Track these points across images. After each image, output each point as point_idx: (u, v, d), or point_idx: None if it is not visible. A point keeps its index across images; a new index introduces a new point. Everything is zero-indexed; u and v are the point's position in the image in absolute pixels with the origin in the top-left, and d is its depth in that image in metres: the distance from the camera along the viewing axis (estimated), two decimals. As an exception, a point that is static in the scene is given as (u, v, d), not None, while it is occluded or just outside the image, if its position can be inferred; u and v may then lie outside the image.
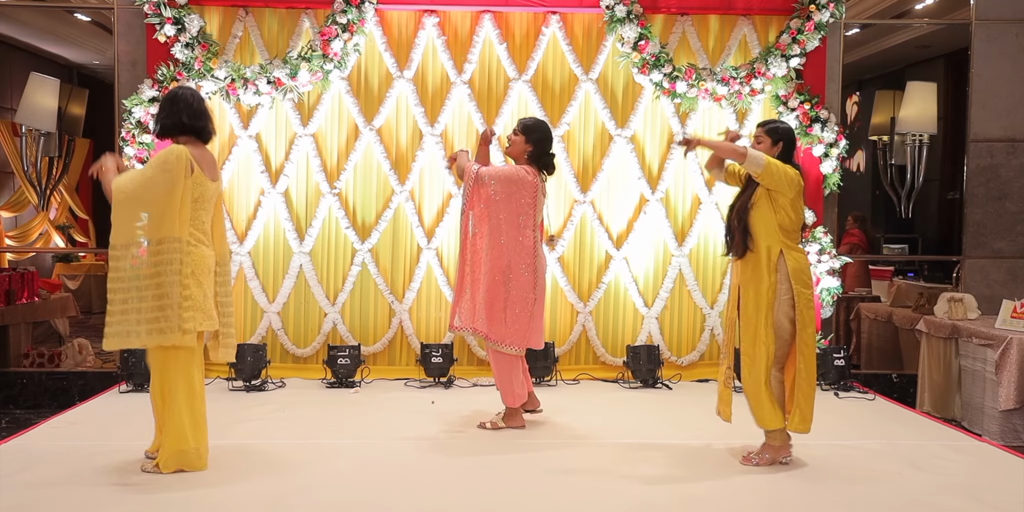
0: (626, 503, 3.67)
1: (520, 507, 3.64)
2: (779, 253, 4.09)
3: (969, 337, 5.65)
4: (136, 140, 5.82)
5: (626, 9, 5.96)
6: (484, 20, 6.16)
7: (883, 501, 3.72)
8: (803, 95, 6.11)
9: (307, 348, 6.23)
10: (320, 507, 3.59)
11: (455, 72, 6.18)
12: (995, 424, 5.32)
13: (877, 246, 7.05)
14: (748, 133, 6.19)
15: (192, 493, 3.71)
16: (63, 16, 6.52)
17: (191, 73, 5.83)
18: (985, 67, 6.45)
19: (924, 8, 6.70)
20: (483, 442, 4.58)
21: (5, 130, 6.65)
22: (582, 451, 4.43)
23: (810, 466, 4.18)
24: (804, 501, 3.73)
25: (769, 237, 4.10)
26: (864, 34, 6.61)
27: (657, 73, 6.03)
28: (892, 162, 6.69)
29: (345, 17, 5.87)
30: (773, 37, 6.20)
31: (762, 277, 4.10)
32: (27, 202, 6.84)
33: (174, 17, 5.79)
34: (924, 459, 4.34)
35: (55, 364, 6.33)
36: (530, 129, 4.77)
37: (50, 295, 6.84)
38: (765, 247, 4.09)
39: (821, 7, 6.02)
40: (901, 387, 6.40)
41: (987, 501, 3.73)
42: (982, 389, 5.51)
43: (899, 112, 6.63)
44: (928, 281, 6.80)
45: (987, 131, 6.48)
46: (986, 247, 6.51)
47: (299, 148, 6.14)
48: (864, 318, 6.88)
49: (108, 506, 3.56)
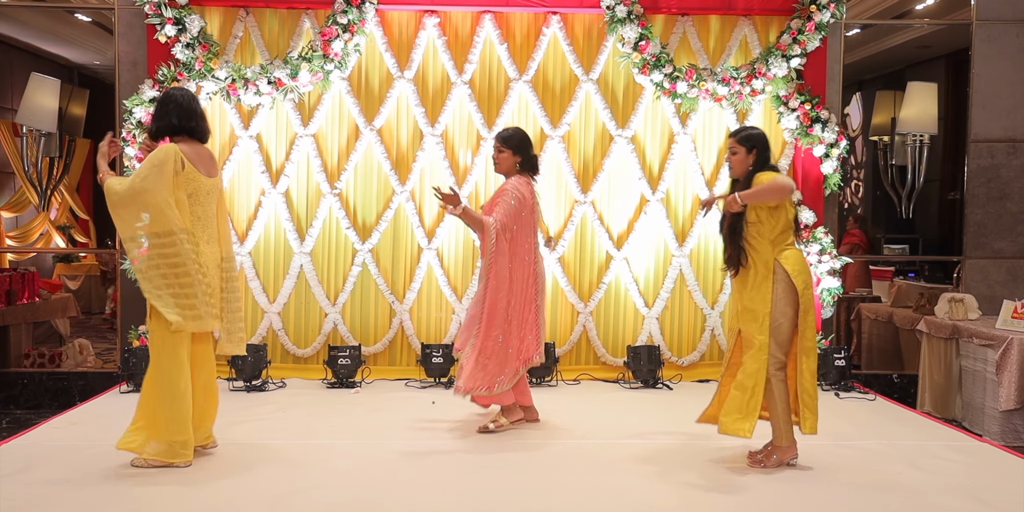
0: (627, 503, 3.67)
1: (521, 507, 3.64)
2: (775, 260, 4.10)
3: (970, 337, 5.65)
4: (137, 140, 5.82)
5: (627, 9, 5.97)
6: (485, 20, 6.16)
7: (884, 501, 3.73)
8: (804, 95, 6.11)
9: (308, 348, 6.23)
10: (320, 507, 3.60)
11: (456, 72, 6.18)
12: (996, 424, 5.32)
13: (878, 246, 7.05)
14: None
15: (192, 492, 3.72)
16: (64, 16, 6.53)
17: (192, 73, 5.83)
18: (986, 67, 6.45)
19: (925, 8, 6.71)
20: (483, 442, 4.59)
21: (6, 130, 6.65)
22: (583, 451, 4.43)
23: (811, 466, 4.18)
24: (805, 501, 3.73)
25: (765, 250, 4.09)
26: (865, 34, 6.61)
27: (658, 73, 6.03)
28: (893, 162, 6.70)
29: (346, 17, 5.87)
30: (774, 37, 6.20)
31: (759, 284, 4.10)
32: (28, 202, 6.84)
33: (175, 17, 5.79)
34: (925, 459, 4.35)
35: (56, 364, 6.34)
36: (510, 140, 4.76)
37: (51, 295, 6.85)
38: (763, 261, 4.09)
39: (822, 7, 6.02)
40: (902, 387, 6.40)
41: (988, 501, 3.74)
42: (983, 389, 5.51)
43: (900, 112, 6.63)
44: (929, 281, 6.80)
45: (988, 131, 6.48)
46: (987, 247, 6.51)
47: (300, 148, 6.14)
48: (865, 318, 6.88)
49: (108, 506, 3.56)
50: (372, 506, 3.62)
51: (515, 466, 4.17)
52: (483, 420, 4.87)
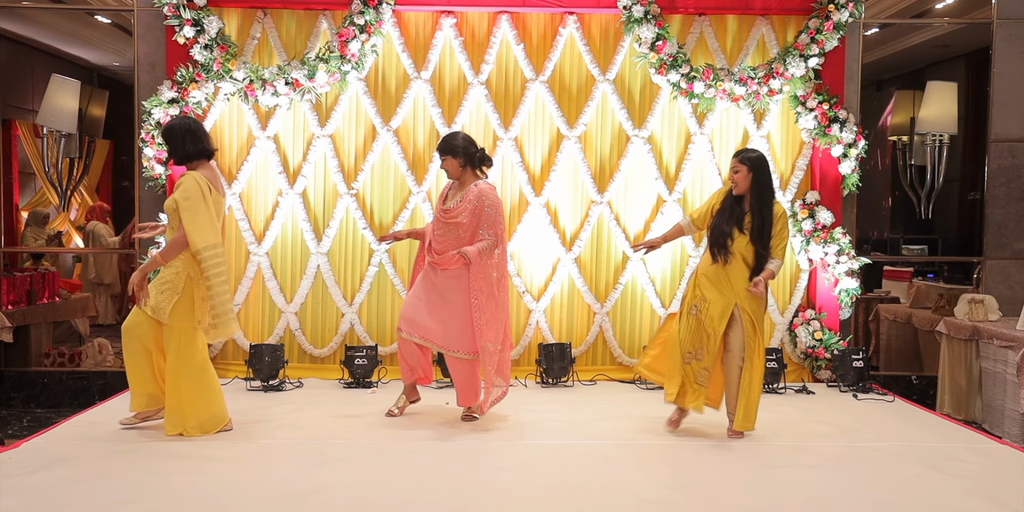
0: (645, 503, 3.67)
1: (539, 506, 3.64)
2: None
3: (990, 339, 5.62)
4: (155, 141, 5.86)
5: (643, 9, 5.96)
6: (501, 21, 6.18)
7: (902, 503, 3.72)
8: (822, 95, 6.08)
9: (324, 348, 6.26)
10: (337, 506, 3.62)
11: (472, 73, 6.20)
12: (1016, 426, 5.30)
13: (896, 246, 7.02)
14: (766, 133, 6.20)
15: (209, 490, 3.75)
16: (84, 18, 6.58)
17: (210, 74, 5.87)
18: (1007, 66, 6.40)
19: (944, 7, 6.67)
20: (498, 442, 4.60)
21: (27, 131, 6.71)
22: (600, 452, 4.43)
23: (828, 467, 4.17)
24: (821, 502, 3.73)
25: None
26: (883, 34, 6.58)
27: (675, 73, 6.02)
28: (912, 162, 6.66)
29: (363, 18, 5.90)
30: (791, 37, 6.18)
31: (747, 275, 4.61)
32: (48, 202, 6.90)
33: (193, 19, 5.83)
34: (943, 462, 4.32)
35: (76, 364, 6.40)
36: (447, 147, 4.89)
37: (70, 295, 6.91)
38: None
39: (840, 7, 6.00)
40: (921, 389, 6.37)
41: (1008, 504, 3.72)
42: (1003, 391, 5.48)
43: (919, 112, 6.60)
44: (948, 282, 6.76)
45: (1009, 131, 6.44)
46: (1007, 248, 6.46)
47: (317, 149, 6.18)
48: (883, 319, 6.85)
49: (127, 504, 3.59)
50: (388, 505, 3.63)
51: (532, 466, 4.18)
52: (499, 417, 4.91)
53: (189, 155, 4.50)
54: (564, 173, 6.24)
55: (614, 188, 6.28)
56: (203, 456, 4.21)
